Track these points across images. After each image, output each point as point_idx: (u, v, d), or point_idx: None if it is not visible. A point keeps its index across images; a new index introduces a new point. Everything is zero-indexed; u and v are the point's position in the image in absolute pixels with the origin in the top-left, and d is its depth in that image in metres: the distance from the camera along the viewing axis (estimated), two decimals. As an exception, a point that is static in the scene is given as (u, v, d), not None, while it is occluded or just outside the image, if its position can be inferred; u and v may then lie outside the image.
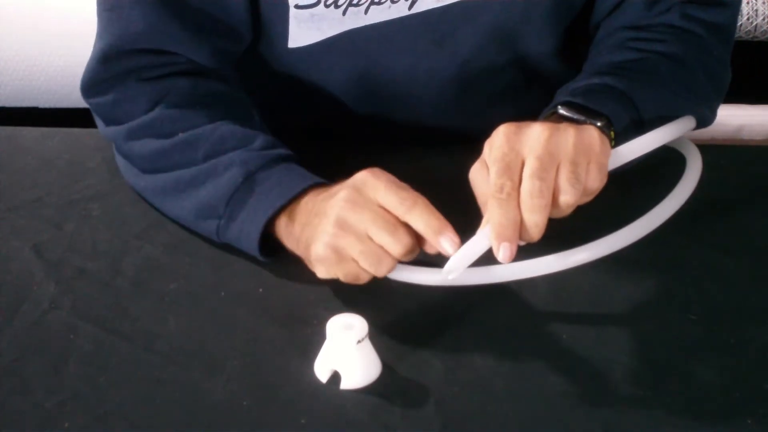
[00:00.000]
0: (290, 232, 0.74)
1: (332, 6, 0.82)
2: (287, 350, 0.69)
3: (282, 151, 0.78)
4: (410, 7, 0.83)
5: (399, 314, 0.72)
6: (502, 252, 0.65)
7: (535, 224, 0.65)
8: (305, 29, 0.84)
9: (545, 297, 0.74)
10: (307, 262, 0.73)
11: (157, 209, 0.83)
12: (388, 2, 0.82)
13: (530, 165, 0.66)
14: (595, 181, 0.68)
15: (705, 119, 0.86)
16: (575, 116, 0.76)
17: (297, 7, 0.82)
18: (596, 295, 0.74)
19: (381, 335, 0.70)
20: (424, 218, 0.68)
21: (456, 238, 0.67)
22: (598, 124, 0.74)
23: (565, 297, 0.74)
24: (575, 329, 0.71)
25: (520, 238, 0.66)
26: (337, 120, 0.95)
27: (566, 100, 0.78)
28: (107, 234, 0.81)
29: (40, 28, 1.36)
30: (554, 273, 0.71)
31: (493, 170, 0.66)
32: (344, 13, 0.82)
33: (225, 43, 0.85)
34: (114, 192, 0.86)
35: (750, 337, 0.71)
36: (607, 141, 0.70)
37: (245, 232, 0.74)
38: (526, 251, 0.71)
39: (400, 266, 0.74)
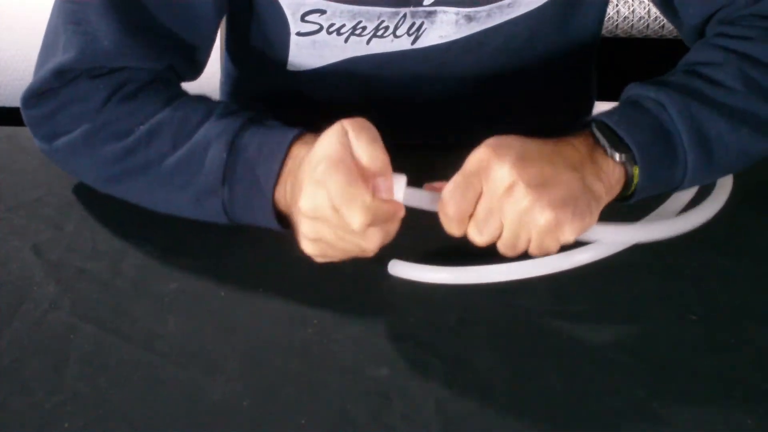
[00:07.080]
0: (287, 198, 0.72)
1: (335, 33, 0.80)
2: (287, 350, 0.69)
3: (246, 112, 0.74)
4: (413, 43, 0.81)
5: (399, 314, 0.72)
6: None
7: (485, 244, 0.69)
8: (306, 56, 0.82)
9: (545, 297, 0.74)
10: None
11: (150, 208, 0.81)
12: (391, 36, 0.81)
13: (503, 239, 0.68)
14: (551, 251, 0.69)
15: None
16: (602, 141, 0.71)
17: (299, 34, 0.81)
18: (596, 295, 0.74)
19: (381, 335, 0.70)
20: (367, 153, 0.67)
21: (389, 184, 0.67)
22: (617, 158, 0.70)
23: (565, 297, 0.74)
24: (575, 329, 0.71)
25: None
26: None
27: (601, 119, 0.72)
28: (107, 234, 0.81)
29: (40, 28, 1.36)
30: (554, 273, 0.71)
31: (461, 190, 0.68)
32: (346, 41, 0.81)
33: (189, 56, 0.82)
34: (114, 192, 0.86)
35: (750, 337, 0.71)
36: (588, 216, 0.68)
37: (257, 207, 0.71)
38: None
39: (401, 263, 0.74)
